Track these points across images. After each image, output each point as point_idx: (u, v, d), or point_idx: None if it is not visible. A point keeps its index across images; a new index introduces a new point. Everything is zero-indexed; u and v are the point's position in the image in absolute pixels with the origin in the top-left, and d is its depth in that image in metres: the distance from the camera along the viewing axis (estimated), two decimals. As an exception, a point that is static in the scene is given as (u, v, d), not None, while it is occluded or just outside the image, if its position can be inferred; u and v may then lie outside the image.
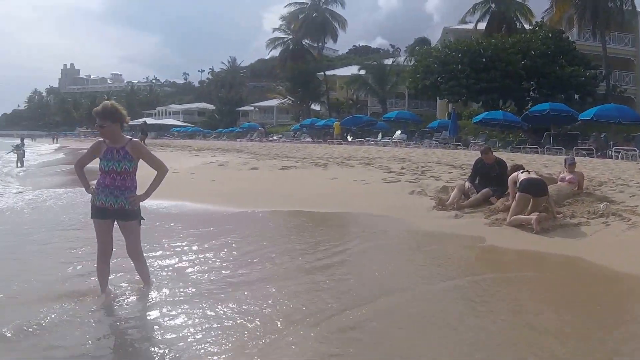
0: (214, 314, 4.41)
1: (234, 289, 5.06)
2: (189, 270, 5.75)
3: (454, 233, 7.62)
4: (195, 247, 6.83)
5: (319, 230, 8.24)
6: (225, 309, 4.50)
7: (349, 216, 9.30)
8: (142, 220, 4.85)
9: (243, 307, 4.56)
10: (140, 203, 4.76)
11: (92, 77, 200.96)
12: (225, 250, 6.69)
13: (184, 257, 6.27)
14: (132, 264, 4.98)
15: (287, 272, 5.68)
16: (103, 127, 4.58)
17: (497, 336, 3.98)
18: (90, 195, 4.75)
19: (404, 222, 8.46)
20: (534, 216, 7.34)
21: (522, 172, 8.23)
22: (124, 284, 5.13)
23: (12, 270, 5.84)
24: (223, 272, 5.71)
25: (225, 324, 4.21)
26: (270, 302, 4.67)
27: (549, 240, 6.96)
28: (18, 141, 32.01)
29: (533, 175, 8.16)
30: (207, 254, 6.43)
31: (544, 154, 21.02)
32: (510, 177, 8.35)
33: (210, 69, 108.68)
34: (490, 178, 9.20)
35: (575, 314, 4.52)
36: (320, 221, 8.96)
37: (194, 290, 5.05)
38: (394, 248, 6.94)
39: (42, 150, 47.48)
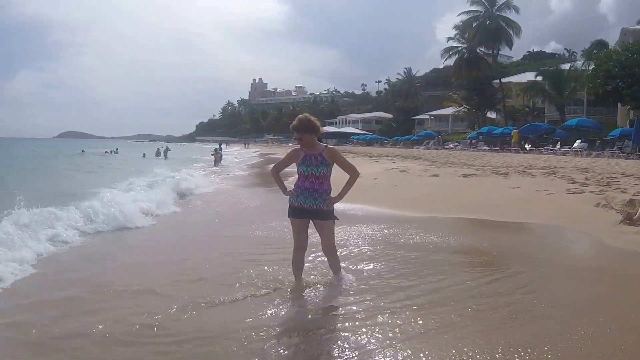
0: (393, 314, 4.53)
1: (414, 290, 5.20)
2: (374, 269, 6.02)
3: (642, 251, 7.08)
4: (379, 250, 7.05)
5: (502, 240, 8.04)
6: (403, 309, 4.64)
7: (533, 227, 9.05)
8: (335, 220, 5.30)
9: (420, 310, 4.62)
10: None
11: (278, 89, 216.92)
12: (408, 254, 6.81)
13: (369, 258, 6.54)
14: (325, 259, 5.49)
15: (467, 284, 5.51)
16: (302, 139, 5.14)
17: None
18: (288, 196, 5.29)
19: (589, 235, 8.05)
20: None
21: None
22: (315, 276, 5.56)
23: (212, 256, 6.88)
24: (403, 271, 5.91)
25: (398, 321, 4.36)
26: (447, 308, 4.67)
27: None
28: (216, 146, 36.82)
29: None
30: (392, 257, 6.58)
31: None
32: None
33: (386, 79, 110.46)
34: (685, 192, 8.52)
35: None
36: (503, 231, 8.78)
37: (376, 288, 5.24)
38: (577, 264, 6.53)
39: (242, 154, 53.35)
